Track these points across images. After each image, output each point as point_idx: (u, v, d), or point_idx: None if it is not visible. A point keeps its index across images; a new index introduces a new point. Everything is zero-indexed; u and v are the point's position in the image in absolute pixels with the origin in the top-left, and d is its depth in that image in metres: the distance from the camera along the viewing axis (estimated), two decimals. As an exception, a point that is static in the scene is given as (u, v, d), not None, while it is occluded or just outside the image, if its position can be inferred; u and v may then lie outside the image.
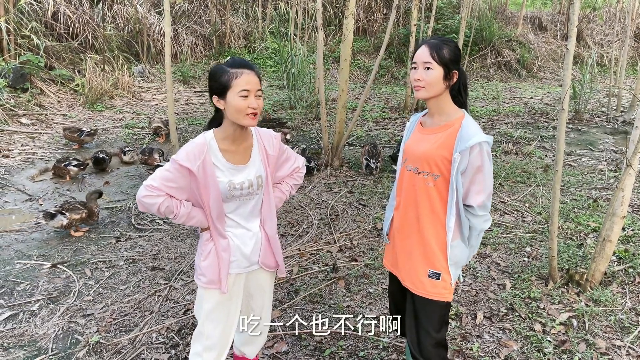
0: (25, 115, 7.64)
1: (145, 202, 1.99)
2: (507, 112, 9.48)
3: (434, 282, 2.05)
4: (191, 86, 11.15)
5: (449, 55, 1.95)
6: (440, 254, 2.03)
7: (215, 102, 1.98)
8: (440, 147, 1.98)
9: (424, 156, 2.02)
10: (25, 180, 5.73)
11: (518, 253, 4.13)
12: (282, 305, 3.41)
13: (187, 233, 4.53)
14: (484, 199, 1.96)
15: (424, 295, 2.07)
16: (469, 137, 1.91)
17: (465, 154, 1.91)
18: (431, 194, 2.02)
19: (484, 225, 2.02)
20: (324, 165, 6.18)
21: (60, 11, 9.70)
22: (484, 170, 1.93)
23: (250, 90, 1.93)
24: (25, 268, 3.91)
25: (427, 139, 2.05)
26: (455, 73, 1.98)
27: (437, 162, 1.98)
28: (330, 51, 13.23)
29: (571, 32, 3.18)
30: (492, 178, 1.99)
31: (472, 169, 1.93)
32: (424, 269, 2.06)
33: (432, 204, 2.02)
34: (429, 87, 1.97)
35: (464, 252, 2.07)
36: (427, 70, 1.96)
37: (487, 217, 2.02)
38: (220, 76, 1.94)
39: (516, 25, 15.07)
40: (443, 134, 2.00)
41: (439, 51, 1.94)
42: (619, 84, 9.15)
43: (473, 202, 1.96)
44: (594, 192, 5.48)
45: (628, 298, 3.44)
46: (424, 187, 2.03)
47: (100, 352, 2.95)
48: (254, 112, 1.95)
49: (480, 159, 1.91)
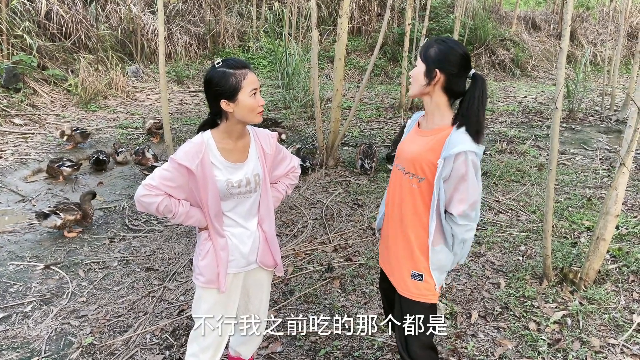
0: (18, 115, 7.59)
1: (144, 202, 2.00)
2: (501, 111, 9.50)
3: (416, 283, 2.04)
4: (185, 86, 11.11)
5: (433, 53, 1.93)
6: (421, 256, 2.02)
7: (225, 106, 1.96)
8: (429, 150, 1.95)
9: (411, 158, 2.01)
10: (18, 181, 5.69)
11: (512, 252, 4.14)
12: (277, 305, 3.40)
13: (181, 233, 4.51)
14: (465, 209, 1.92)
15: (408, 296, 2.07)
16: (456, 144, 1.87)
17: (450, 161, 1.88)
18: (415, 196, 2.01)
19: (466, 235, 1.98)
20: (319, 165, 6.17)
21: (53, 11, 9.63)
22: (468, 180, 1.89)
23: (257, 88, 1.99)
24: (18, 269, 3.88)
25: (419, 140, 2.04)
26: (436, 72, 1.92)
27: (423, 165, 1.96)
28: (324, 50, 13.22)
29: (564, 31, 3.19)
30: (478, 189, 1.93)
31: (456, 177, 1.90)
32: (407, 269, 2.06)
33: (415, 205, 2.01)
34: (413, 82, 2.00)
35: (448, 258, 2.03)
36: (414, 68, 2.01)
37: (469, 227, 1.97)
38: (227, 80, 1.93)
39: (510, 24, 15.10)
40: (433, 138, 1.97)
41: (427, 49, 1.96)
42: (613, 83, 9.19)
43: (454, 211, 1.93)
44: (588, 190, 5.50)
45: (622, 296, 3.45)
46: (409, 188, 2.02)
47: (94, 353, 2.94)
48: (263, 109, 2.03)
49: (464, 167, 1.87)
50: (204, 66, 12.08)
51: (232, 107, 1.96)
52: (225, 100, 1.96)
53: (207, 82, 1.98)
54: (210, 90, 1.98)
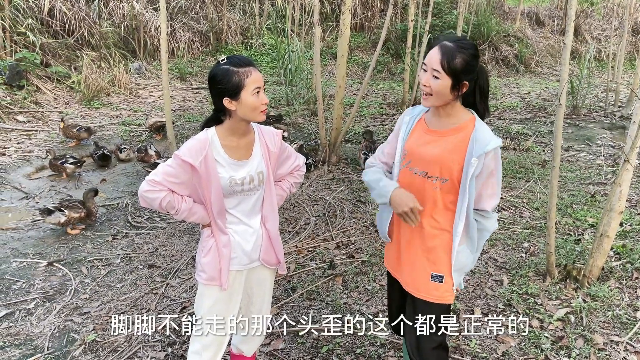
0: (22, 112, 7.61)
1: (147, 197, 2.00)
2: (505, 108, 9.46)
3: (436, 285, 2.01)
4: (188, 83, 11.11)
5: (460, 65, 1.80)
6: (445, 257, 2.00)
7: (227, 104, 1.96)
8: (453, 151, 1.91)
9: (435, 160, 1.93)
10: (21, 178, 5.70)
11: (515, 249, 4.12)
12: (279, 302, 3.40)
13: (184, 230, 4.51)
14: (497, 202, 1.98)
15: (426, 299, 2.03)
16: (486, 141, 1.84)
17: (481, 159, 1.86)
18: (437, 199, 1.96)
19: (495, 226, 2.04)
20: (322, 162, 6.16)
21: (56, 8, 9.63)
22: (497, 174, 1.92)
23: (260, 86, 1.98)
24: (21, 266, 3.89)
25: (437, 141, 1.96)
26: (465, 84, 1.86)
27: (450, 166, 1.90)
28: (327, 47, 13.19)
29: (568, 27, 3.17)
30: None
31: (486, 173, 1.89)
32: (426, 272, 2.02)
33: (437, 207, 1.98)
34: (436, 96, 1.87)
35: (469, 258, 2.04)
36: (435, 79, 1.84)
37: (496, 217, 2.05)
38: (231, 78, 1.92)
39: (514, 20, 15.02)
40: (455, 138, 1.92)
41: (451, 60, 1.80)
42: (617, 79, 9.13)
43: (487, 206, 1.95)
44: (592, 187, 5.47)
45: (626, 294, 3.43)
46: (431, 192, 1.96)
47: (97, 350, 2.94)
48: (266, 108, 2.01)
49: (494, 163, 1.89)
50: (207, 63, 12.07)
51: (234, 105, 1.95)
52: (228, 98, 1.95)
53: (211, 80, 1.98)
54: (214, 88, 1.97)
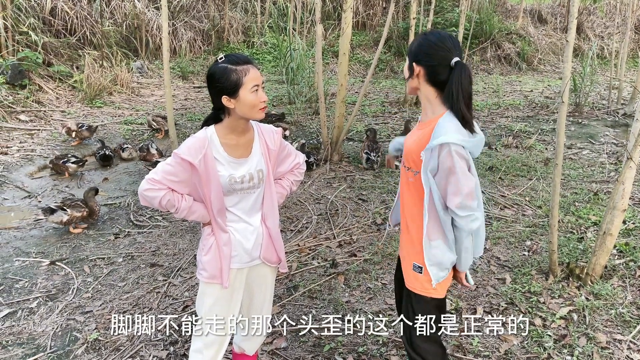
0: (24, 112, 7.62)
1: (147, 196, 2.00)
2: (507, 106, 9.44)
3: (417, 275, 2.05)
4: (190, 81, 11.11)
5: (413, 48, 1.97)
6: (420, 249, 2.03)
7: (226, 102, 1.96)
8: (418, 144, 1.96)
9: (407, 152, 2.05)
10: (23, 177, 5.71)
11: (518, 247, 4.11)
12: (281, 301, 3.40)
13: (186, 229, 4.52)
14: (461, 200, 1.86)
15: (411, 289, 2.09)
16: (438, 135, 1.84)
17: (434, 154, 1.85)
18: (411, 189, 2.03)
19: (472, 225, 1.91)
20: (324, 160, 6.16)
21: (58, 7, 9.65)
22: (457, 172, 1.83)
23: (259, 84, 1.97)
24: (24, 265, 3.90)
25: (414, 134, 2.07)
26: (415, 65, 1.95)
27: (415, 158, 1.97)
28: (329, 45, 13.17)
29: (571, 24, 3.15)
30: (470, 179, 1.87)
31: (444, 170, 1.86)
32: (410, 261, 2.08)
33: (413, 199, 2.03)
34: (406, 78, 2.05)
35: (445, 255, 1.99)
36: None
37: (473, 217, 1.90)
38: (229, 76, 1.92)
39: (516, 18, 14.98)
40: (424, 131, 1.97)
41: (411, 44, 2.00)
42: (620, 77, 9.10)
43: (450, 204, 1.89)
44: (595, 185, 5.46)
45: (629, 292, 3.42)
46: (406, 182, 2.06)
47: (99, 349, 2.95)
48: (265, 105, 2.01)
49: (450, 160, 1.82)
50: (209, 62, 12.06)
51: (233, 103, 1.95)
52: (227, 96, 1.95)
53: (209, 78, 1.98)
54: (212, 86, 1.97)
